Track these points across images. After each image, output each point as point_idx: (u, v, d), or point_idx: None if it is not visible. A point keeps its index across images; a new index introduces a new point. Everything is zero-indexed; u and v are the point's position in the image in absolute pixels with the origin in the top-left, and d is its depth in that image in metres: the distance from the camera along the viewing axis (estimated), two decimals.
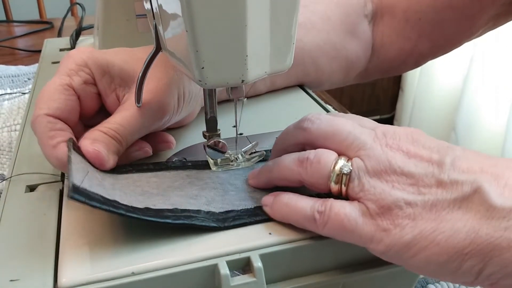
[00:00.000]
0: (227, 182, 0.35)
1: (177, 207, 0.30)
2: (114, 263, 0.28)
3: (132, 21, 0.52)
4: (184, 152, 0.41)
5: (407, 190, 0.27)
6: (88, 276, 0.27)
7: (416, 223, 0.26)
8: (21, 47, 0.92)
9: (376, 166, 0.28)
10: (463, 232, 0.25)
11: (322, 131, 0.31)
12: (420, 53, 0.58)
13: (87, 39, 0.73)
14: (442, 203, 0.26)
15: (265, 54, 0.30)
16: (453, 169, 0.27)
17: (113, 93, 0.37)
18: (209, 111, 0.36)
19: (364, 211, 0.28)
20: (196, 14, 0.27)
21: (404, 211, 0.27)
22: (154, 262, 0.28)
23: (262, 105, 0.51)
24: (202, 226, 0.30)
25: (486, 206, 0.25)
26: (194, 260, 0.29)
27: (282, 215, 0.31)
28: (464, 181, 0.26)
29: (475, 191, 0.26)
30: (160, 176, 0.35)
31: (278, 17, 0.29)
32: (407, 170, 0.28)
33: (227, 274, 0.28)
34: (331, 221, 0.28)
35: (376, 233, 0.27)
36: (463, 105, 1.63)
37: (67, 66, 0.36)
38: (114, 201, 0.29)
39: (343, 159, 0.29)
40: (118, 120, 0.35)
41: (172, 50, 0.32)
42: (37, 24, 1.11)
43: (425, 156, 0.28)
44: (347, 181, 0.29)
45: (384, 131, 0.30)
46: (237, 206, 0.32)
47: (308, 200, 0.30)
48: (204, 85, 0.30)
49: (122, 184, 0.32)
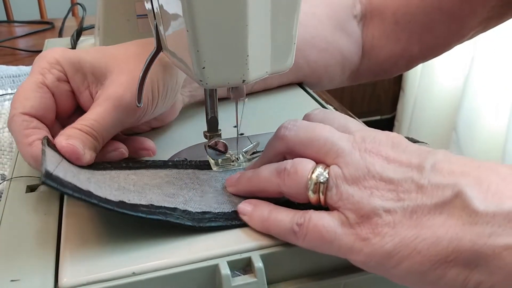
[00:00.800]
0: (207, 184, 0.35)
1: (153, 203, 0.30)
2: (114, 263, 0.28)
3: (133, 21, 0.52)
4: (185, 152, 0.41)
5: (386, 196, 0.26)
6: (88, 276, 0.27)
7: (396, 231, 0.25)
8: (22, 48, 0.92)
9: (354, 172, 0.27)
10: (445, 239, 0.24)
11: (299, 138, 0.31)
12: (411, 56, 0.58)
13: (88, 39, 0.73)
14: (422, 209, 0.25)
15: (266, 54, 0.30)
16: (433, 173, 0.26)
17: (87, 90, 0.37)
18: (210, 111, 0.36)
19: (343, 220, 0.27)
20: (197, 14, 0.27)
21: (384, 219, 0.26)
22: (155, 262, 0.28)
23: (263, 105, 0.51)
24: (177, 224, 0.29)
25: (468, 212, 0.24)
26: (195, 260, 0.29)
27: (261, 227, 0.30)
28: (445, 185, 0.25)
29: (456, 195, 0.24)
30: (138, 174, 0.34)
31: (279, 17, 0.29)
32: (386, 176, 0.27)
33: (228, 274, 0.28)
34: (310, 233, 0.28)
35: (356, 243, 0.26)
36: (464, 105, 1.62)
37: (40, 65, 0.36)
38: (87, 191, 0.29)
39: (321, 167, 0.29)
40: (92, 116, 0.34)
41: (173, 50, 0.32)
42: (38, 25, 1.11)
43: (405, 161, 0.27)
44: (325, 189, 0.28)
45: (364, 136, 0.29)
46: (214, 208, 0.32)
47: (287, 212, 0.29)
48: (205, 85, 0.30)
49: (98, 178, 0.32)
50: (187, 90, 0.46)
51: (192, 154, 0.40)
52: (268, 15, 0.29)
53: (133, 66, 0.37)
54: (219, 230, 0.31)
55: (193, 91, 0.47)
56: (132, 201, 0.30)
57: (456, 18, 0.53)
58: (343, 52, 0.56)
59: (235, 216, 0.31)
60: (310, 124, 0.31)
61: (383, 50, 0.58)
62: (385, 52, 0.58)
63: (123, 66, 0.37)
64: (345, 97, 2.11)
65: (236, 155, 0.38)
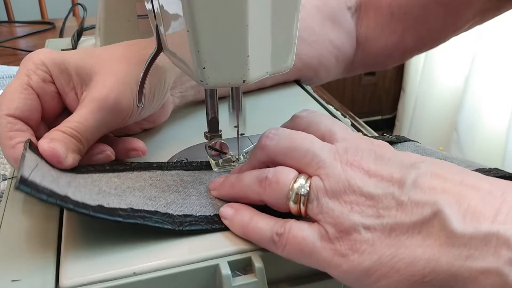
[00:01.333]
0: (190, 186, 0.34)
1: (132, 207, 0.30)
2: (115, 263, 0.28)
3: (133, 21, 0.52)
4: (186, 152, 0.41)
5: (366, 212, 0.26)
6: (89, 276, 0.27)
7: (375, 249, 0.25)
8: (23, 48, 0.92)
9: (335, 186, 0.27)
10: (423, 259, 0.24)
11: (280, 148, 0.30)
12: (406, 48, 0.58)
13: (89, 40, 0.73)
14: (401, 227, 0.25)
15: (266, 54, 0.30)
16: (414, 189, 0.25)
17: (72, 91, 0.37)
18: (211, 112, 0.36)
19: (323, 234, 0.27)
20: (197, 14, 0.27)
21: (363, 236, 0.25)
22: (156, 262, 0.28)
23: (264, 105, 0.51)
24: (155, 227, 0.29)
25: (446, 233, 0.23)
26: (196, 261, 0.29)
27: (241, 233, 0.30)
28: (424, 203, 0.24)
29: (435, 215, 0.24)
30: (122, 176, 0.34)
31: (279, 17, 0.29)
32: (366, 191, 0.26)
33: (229, 274, 0.28)
34: (289, 244, 0.27)
35: (334, 258, 0.26)
36: (464, 105, 1.62)
37: (26, 66, 0.36)
38: (64, 196, 0.28)
39: (303, 178, 0.28)
40: (77, 118, 0.34)
41: (173, 50, 0.32)
42: (38, 25, 1.11)
43: (386, 175, 0.27)
44: (306, 201, 0.28)
45: (346, 147, 0.29)
46: (196, 211, 0.31)
47: (268, 220, 0.29)
48: (205, 85, 0.30)
49: (79, 182, 0.32)
50: (177, 91, 0.45)
51: (193, 155, 0.40)
52: (269, 15, 0.29)
53: (118, 68, 0.37)
54: (199, 234, 0.30)
55: (184, 92, 0.46)
56: (111, 205, 0.30)
57: (451, 10, 0.53)
58: (335, 43, 0.56)
59: (217, 219, 0.31)
60: (291, 133, 0.31)
61: (377, 42, 0.58)
62: (379, 44, 0.58)
63: (108, 68, 0.36)
64: (346, 97, 2.11)
65: (236, 156, 0.38)
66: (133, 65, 0.37)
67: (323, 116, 0.34)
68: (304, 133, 0.31)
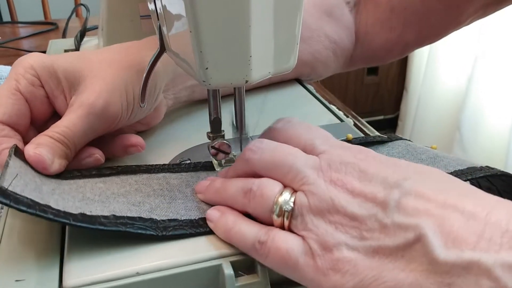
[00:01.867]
0: (176, 189, 0.34)
1: (114, 214, 0.30)
2: (118, 263, 0.28)
3: (136, 22, 0.52)
4: (189, 152, 0.41)
5: (350, 233, 0.26)
6: (93, 276, 0.27)
7: (357, 270, 0.25)
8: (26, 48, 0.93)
9: (319, 204, 0.27)
10: (405, 284, 0.23)
11: (264, 163, 0.30)
12: (406, 43, 0.57)
13: (92, 40, 0.73)
14: (384, 250, 0.24)
15: (269, 54, 0.30)
16: (397, 211, 0.25)
17: (62, 96, 0.37)
18: (213, 112, 0.36)
19: (307, 250, 0.26)
20: (200, 14, 0.27)
21: (346, 256, 0.25)
22: (159, 262, 0.28)
23: (267, 105, 0.51)
24: (137, 234, 0.29)
25: (428, 259, 0.23)
26: (199, 260, 0.29)
27: (225, 237, 0.30)
28: (407, 226, 0.24)
29: (418, 239, 0.23)
30: (107, 181, 0.34)
31: (281, 17, 0.29)
32: (350, 211, 0.26)
33: (232, 274, 0.28)
34: (272, 254, 0.27)
35: (316, 276, 0.26)
36: (467, 104, 1.62)
37: (15, 71, 0.36)
38: (45, 206, 0.28)
39: (288, 192, 0.28)
40: (64, 123, 0.34)
41: (176, 51, 0.33)
42: (41, 25, 1.11)
43: (370, 195, 0.26)
44: (290, 216, 0.28)
45: (330, 161, 0.28)
46: (181, 215, 0.31)
47: (252, 226, 0.29)
48: (208, 86, 0.30)
49: (63, 189, 0.32)
50: (170, 93, 0.45)
51: (196, 155, 0.40)
52: (271, 15, 0.29)
53: (108, 72, 0.36)
54: (183, 238, 0.30)
55: (177, 94, 0.46)
56: (93, 212, 0.30)
57: (453, 5, 0.52)
58: (332, 37, 0.55)
59: (202, 223, 0.31)
60: (275, 147, 0.30)
61: (377, 37, 0.57)
62: (379, 39, 0.57)
63: (97, 72, 0.36)
64: (348, 96, 2.11)
65: None
66: (123, 69, 0.37)
67: (301, 127, 0.33)
68: (288, 147, 0.30)
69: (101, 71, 0.36)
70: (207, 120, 0.37)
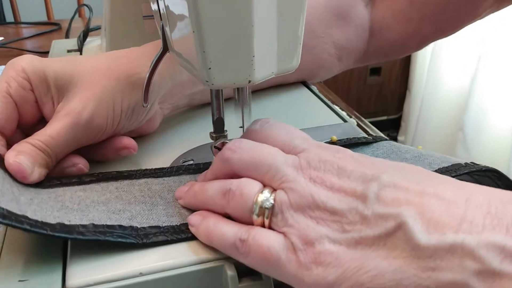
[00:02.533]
0: (158, 196, 0.34)
1: (94, 222, 0.30)
2: (122, 264, 0.28)
3: (139, 22, 0.52)
4: (192, 153, 0.41)
5: (331, 227, 0.26)
6: (96, 277, 0.27)
7: (339, 262, 0.25)
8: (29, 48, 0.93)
9: (299, 200, 0.27)
10: (388, 272, 0.23)
11: (244, 163, 0.30)
12: (423, 36, 0.56)
13: (95, 40, 0.74)
14: (366, 240, 0.24)
15: (272, 54, 0.30)
16: (377, 202, 0.25)
17: (50, 102, 0.36)
18: (216, 112, 0.36)
19: (288, 246, 0.26)
20: (203, 14, 0.27)
21: (327, 249, 0.25)
22: (162, 262, 0.28)
23: (268, 105, 0.51)
24: (117, 242, 0.29)
25: (411, 245, 0.23)
26: (202, 261, 0.29)
27: (206, 240, 0.29)
28: (388, 215, 0.24)
29: (399, 227, 0.24)
30: (88, 189, 0.34)
31: (285, 17, 0.29)
32: (331, 206, 0.26)
33: (235, 275, 0.28)
34: (253, 252, 0.27)
35: (298, 271, 0.25)
36: (470, 105, 1.62)
37: (7, 73, 0.36)
38: (22, 216, 0.28)
39: (267, 191, 0.28)
40: (48, 131, 0.34)
41: (179, 51, 0.33)
42: (45, 26, 1.12)
43: (349, 190, 0.26)
44: (270, 215, 0.27)
45: (309, 159, 0.29)
46: (163, 222, 0.31)
47: (233, 226, 0.29)
48: (211, 86, 0.30)
49: (42, 199, 0.31)
50: (167, 103, 0.44)
51: (199, 155, 0.40)
52: (274, 15, 0.29)
53: (97, 81, 0.36)
54: (164, 245, 0.30)
55: (175, 103, 0.45)
56: (72, 221, 0.29)
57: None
58: (338, 44, 0.55)
59: (184, 229, 0.31)
60: (254, 146, 0.30)
61: (394, 30, 0.56)
62: (396, 32, 0.56)
63: (87, 80, 0.36)
64: (351, 97, 2.11)
65: None
66: (114, 79, 0.36)
67: (279, 127, 0.33)
68: (267, 146, 0.30)
69: (92, 79, 0.36)
70: (210, 120, 0.37)
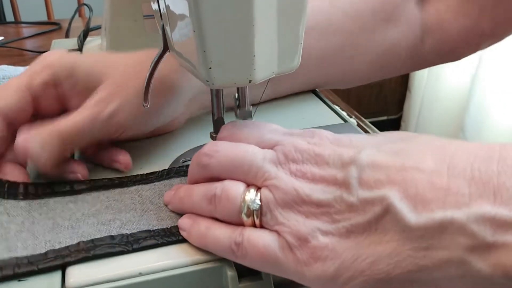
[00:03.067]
0: (148, 201, 0.34)
1: (83, 239, 0.29)
2: (121, 263, 0.28)
3: (139, 21, 0.52)
4: (192, 152, 0.41)
5: (321, 219, 0.26)
6: (96, 276, 0.27)
7: (336, 254, 0.25)
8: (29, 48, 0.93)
9: (284, 197, 0.27)
10: (384, 256, 0.23)
11: (223, 165, 0.29)
12: (482, 32, 0.53)
13: (95, 40, 0.73)
14: (357, 228, 0.24)
15: (272, 54, 0.30)
16: (360, 187, 0.25)
17: (76, 97, 0.36)
18: (216, 112, 0.36)
19: (283, 244, 0.26)
20: (204, 14, 0.27)
21: (321, 242, 0.25)
22: (162, 262, 0.28)
23: (269, 106, 0.51)
24: (106, 254, 0.29)
25: (401, 227, 0.23)
26: (202, 261, 0.29)
27: (200, 244, 0.29)
28: (373, 200, 0.24)
29: (386, 210, 0.24)
30: (79, 200, 0.33)
31: (286, 17, 0.29)
32: (316, 198, 0.26)
33: (235, 275, 0.28)
34: (250, 254, 0.27)
35: (298, 267, 0.25)
36: (471, 105, 1.62)
37: (33, 67, 0.36)
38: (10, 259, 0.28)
39: (252, 191, 0.28)
40: (69, 122, 0.34)
41: (179, 51, 0.32)
42: (45, 25, 1.11)
43: (330, 179, 0.26)
44: (259, 214, 0.27)
45: (285, 152, 0.28)
46: (153, 226, 0.31)
47: (225, 229, 0.28)
48: (211, 85, 0.30)
49: (33, 219, 0.31)
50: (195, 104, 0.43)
51: None
52: (275, 15, 0.29)
53: (127, 81, 0.36)
54: (155, 248, 0.29)
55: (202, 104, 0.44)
56: (62, 243, 0.29)
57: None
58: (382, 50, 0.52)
59: (174, 231, 0.30)
60: (231, 147, 0.30)
61: (451, 26, 0.53)
62: (454, 28, 0.53)
63: (117, 80, 0.36)
64: (351, 97, 2.11)
65: None
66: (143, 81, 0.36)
67: (247, 126, 0.32)
68: (244, 144, 0.30)
69: (121, 79, 0.36)
70: (210, 120, 0.37)
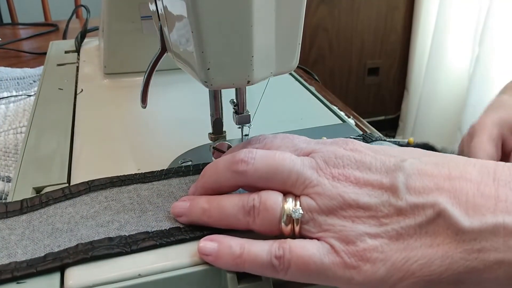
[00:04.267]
0: (147, 201, 0.33)
1: (82, 241, 0.29)
2: (120, 265, 0.28)
3: (137, 23, 0.52)
4: (190, 153, 0.41)
5: (368, 223, 0.25)
6: (94, 278, 0.27)
7: (386, 255, 0.25)
8: (26, 50, 0.93)
9: (329, 203, 0.26)
10: (437, 258, 0.24)
11: (261, 173, 0.28)
12: None
13: (92, 41, 0.73)
14: (407, 231, 0.25)
15: (271, 55, 0.30)
16: (408, 192, 0.25)
17: None
18: (215, 113, 0.36)
19: (329, 249, 0.26)
20: (202, 15, 0.27)
21: (371, 245, 0.25)
22: (161, 264, 0.28)
23: (268, 106, 0.51)
24: (104, 255, 0.28)
25: (454, 230, 0.24)
26: (201, 262, 0.29)
27: (234, 265, 0.27)
28: (424, 204, 0.24)
29: (438, 215, 0.24)
30: (77, 203, 0.33)
31: (283, 18, 0.29)
32: (363, 202, 0.26)
33: (234, 277, 0.28)
34: (294, 265, 0.26)
35: (346, 272, 0.25)
36: (469, 104, 1.62)
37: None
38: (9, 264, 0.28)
39: (291, 200, 0.27)
40: None
41: (177, 52, 0.32)
42: (42, 27, 1.11)
43: (376, 183, 0.26)
44: (300, 222, 0.27)
45: (325, 158, 0.28)
46: (152, 227, 0.31)
47: (262, 244, 0.27)
48: (209, 86, 0.30)
49: (33, 227, 0.31)
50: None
51: (198, 156, 0.40)
52: (273, 16, 0.29)
53: None
54: (154, 249, 0.29)
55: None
56: (61, 246, 0.29)
57: None
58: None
59: (173, 232, 0.30)
60: (268, 154, 0.29)
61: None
62: None
63: None
64: (349, 97, 2.11)
65: None
66: None
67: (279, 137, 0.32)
68: (280, 152, 0.29)
69: None
70: (208, 121, 0.37)
